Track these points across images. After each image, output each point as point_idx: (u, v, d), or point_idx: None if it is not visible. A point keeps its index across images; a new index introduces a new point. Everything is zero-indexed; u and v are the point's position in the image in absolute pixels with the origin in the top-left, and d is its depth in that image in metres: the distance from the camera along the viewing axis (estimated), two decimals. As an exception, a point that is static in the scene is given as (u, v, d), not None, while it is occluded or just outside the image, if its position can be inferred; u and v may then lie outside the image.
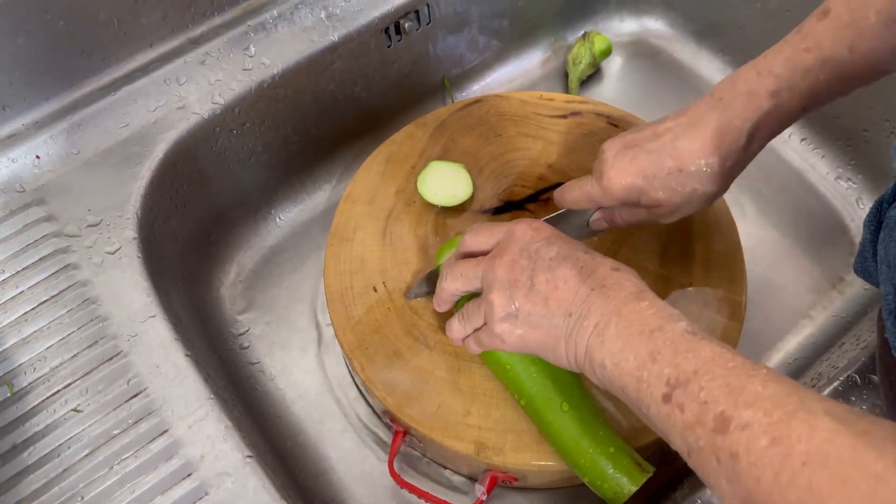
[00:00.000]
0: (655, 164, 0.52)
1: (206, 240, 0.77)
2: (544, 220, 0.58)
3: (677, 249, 0.67)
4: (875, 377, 0.56)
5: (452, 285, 0.55)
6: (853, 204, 0.84)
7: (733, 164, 0.52)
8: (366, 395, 0.69)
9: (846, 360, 0.59)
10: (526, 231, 0.51)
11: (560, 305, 0.47)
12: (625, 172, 0.53)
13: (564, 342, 0.48)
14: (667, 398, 0.39)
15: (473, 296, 0.56)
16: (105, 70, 0.69)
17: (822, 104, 0.51)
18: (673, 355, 0.40)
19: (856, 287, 0.79)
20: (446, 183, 0.70)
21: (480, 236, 0.54)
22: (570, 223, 0.61)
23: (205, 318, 0.73)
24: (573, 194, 0.58)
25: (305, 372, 0.75)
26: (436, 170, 0.70)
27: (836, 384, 0.56)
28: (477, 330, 0.55)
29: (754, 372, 0.37)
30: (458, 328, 0.56)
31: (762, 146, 0.53)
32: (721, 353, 0.39)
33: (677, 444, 0.40)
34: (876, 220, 0.48)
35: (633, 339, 0.43)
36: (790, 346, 0.76)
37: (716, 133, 0.51)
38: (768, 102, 0.50)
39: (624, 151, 0.54)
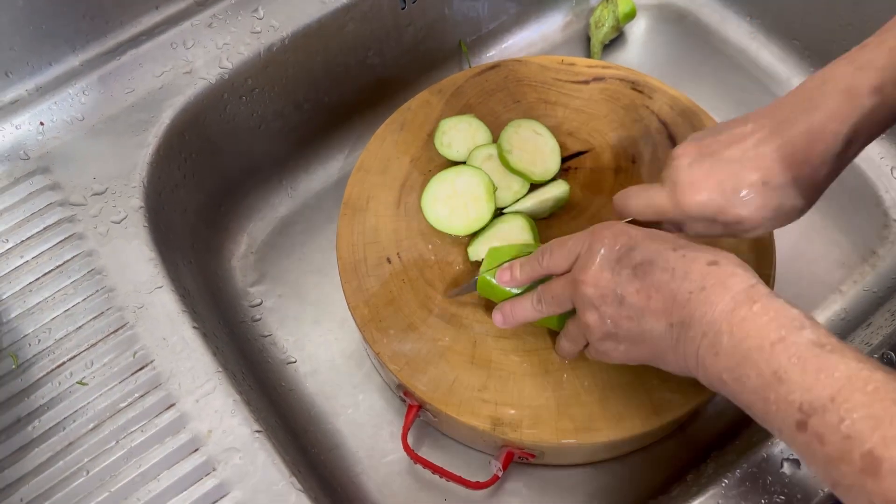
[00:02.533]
0: (736, 176, 0.46)
1: (217, 210, 0.76)
2: None
3: (703, 220, 0.65)
4: (912, 355, 0.54)
5: (542, 310, 0.52)
6: (887, 174, 0.80)
7: (827, 174, 0.46)
8: (379, 368, 0.67)
9: (881, 336, 0.56)
10: (603, 240, 0.46)
11: (658, 317, 0.43)
12: (701, 187, 0.47)
13: (672, 353, 0.43)
14: (802, 426, 0.35)
15: (540, 281, 0.53)
16: (109, 34, 0.67)
17: None
18: (801, 376, 0.36)
19: (888, 261, 0.76)
20: (463, 136, 0.69)
21: (557, 255, 0.50)
22: None
23: (215, 290, 0.71)
24: (638, 204, 0.52)
25: (318, 345, 0.73)
26: (450, 126, 0.69)
27: (870, 362, 0.54)
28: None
29: None
30: (568, 348, 0.55)
31: (859, 151, 0.46)
32: (857, 372, 0.35)
33: (819, 473, 0.36)
34: None
35: (752, 353, 0.38)
36: (820, 321, 0.71)
37: (807, 139, 0.45)
38: (870, 100, 0.43)
39: (700, 160, 0.47)
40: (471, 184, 0.65)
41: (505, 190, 0.66)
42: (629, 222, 0.53)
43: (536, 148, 0.67)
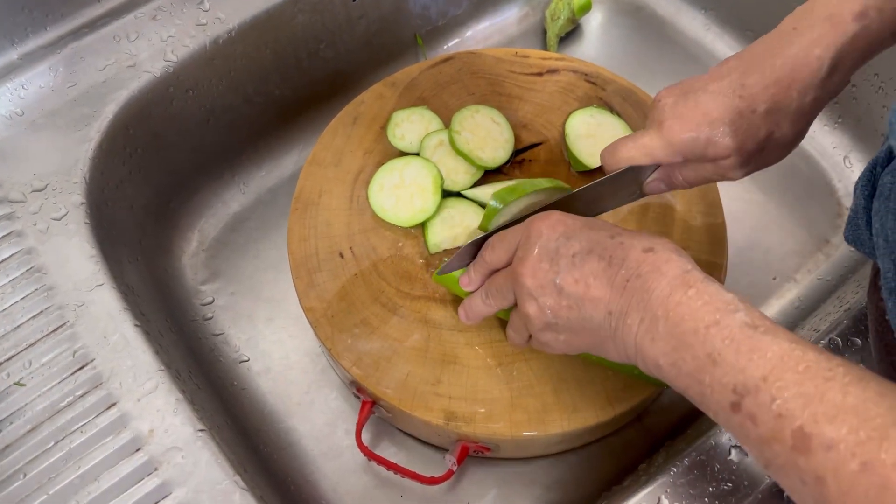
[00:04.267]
0: (722, 105, 0.46)
1: (166, 207, 0.74)
2: (593, 184, 0.52)
3: (657, 211, 0.65)
4: (857, 339, 0.54)
5: (490, 304, 0.52)
6: (840, 164, 0.81)
7: (813, 100, 0.46)
8: (334, 365, 0.67)
9: (828, 322, 0.57)
10: (541, 230, 0.46)
11: (597, 306, 0.43)
12: (687, 119, 0.47)
13: (612, 341, 0.43)
14: (736, 407, 0.35)
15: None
16: (49, 26, 0.66)
17: None
18: (735, 357, 0.36)
19: (842, 249, 0.76)
20: (416, 128, 0.68)
21: (498, 249, 0.50)
22: (619, 187, 0.53)
23: (164, 288, 0.70)
24: (627, 150, 0.50)
25: (272, 343, 0.72)
26: (402, 118, 0.69)
27: (817, 347, 0.54)
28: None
29: (830, 373, 0.33)
30: (515, 338, 0.53)
31: (846, 78, 0.46)
32: (790, 351, 0.35)
33: (753, 454, 0.36)
34: (870, 186, 0.45)
35: (687, 337, 0.38)
36: (774, 309, 0.73)
37: (791, 65, 0.45)
38: (854, 25, 0.44)
39: (685, 96, 0.47)
40: (419, 175, 0.64)
41: (463, 174, 0.65)
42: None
43: (489, 134, 0.67)
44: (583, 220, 0.47)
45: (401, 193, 0.64)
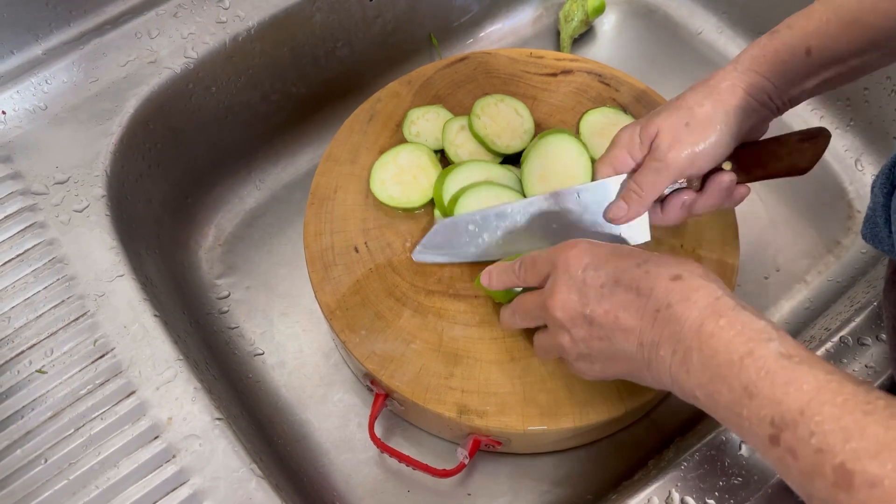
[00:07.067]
0: (661, 110, 0.54)
1: (184, 201, 0.75)
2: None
3: (667, 209, 0.65)
4: (868, 338, 0.54)
5: (517, 322, 0.55)
6: (852, 166, 0.81)
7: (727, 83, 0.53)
8: (347, 359, 0.67)
9: (839, 321, 0.57)
10: (568, 261, 0.47)
11: (628, 337, 0.43)
12: (633, 122, 0.55)
13: (647, 371, 0.43)
14: (774, 440, 0.35)
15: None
16: (72, 22, 0.67)
17: (840, 57, 0.49)
18: (771, 389, 0.35)
19: (853, 251, 0.77)
20: (431, 126, 0.69)
21: (530, 273, 0.51)
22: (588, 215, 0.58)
23: (181, 281, 0.71)
24: (600, 163, 0.57)
25: (287, 337, 0.73)
26: (418, 116, 0.70)
27: (828, 346, 0.54)
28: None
29: (869, 406, 0.33)
30: (543, 355, 0.55)
31: (759, 78, 0.52)
32: (826, 383, 0.34)
33: (795, 488, 0.35)
34: (889, 184, 0.45)
35: (722, 369, 0.37)
36: (784, 310, 0.74)
37: (715, 78, 0.53)
38: (765, 38, 0.51)
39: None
40: (413, 156, 0.66)
41: (484, 157, 0.67)
42: None
43: (509, 124, 0.68)
44: (609, 248, 0.47)
45: (404, 178, 0.66)
